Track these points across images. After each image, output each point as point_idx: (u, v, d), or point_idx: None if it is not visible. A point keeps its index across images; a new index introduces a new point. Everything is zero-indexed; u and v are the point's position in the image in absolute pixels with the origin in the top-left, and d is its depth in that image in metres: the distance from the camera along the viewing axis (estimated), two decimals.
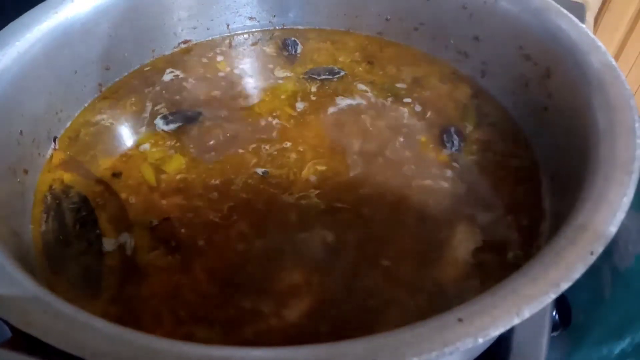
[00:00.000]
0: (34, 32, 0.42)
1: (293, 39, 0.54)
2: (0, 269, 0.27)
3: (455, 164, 0.43)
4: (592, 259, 0.26)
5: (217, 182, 0.41)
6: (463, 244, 0.38)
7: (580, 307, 0.49)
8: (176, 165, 0.42)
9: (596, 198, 0.30)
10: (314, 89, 0.49)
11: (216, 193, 0.40)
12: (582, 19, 0.62)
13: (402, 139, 0.44)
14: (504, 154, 0.43)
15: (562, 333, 0.48)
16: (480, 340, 0.23)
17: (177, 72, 0.51)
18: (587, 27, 0.41)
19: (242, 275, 0.35)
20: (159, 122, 0.46)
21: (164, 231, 0.38)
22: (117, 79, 0.50)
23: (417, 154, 0.43)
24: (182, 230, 0.38)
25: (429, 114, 0.47)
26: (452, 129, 0.45)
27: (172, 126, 0.46)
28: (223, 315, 0.33)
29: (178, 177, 0.41)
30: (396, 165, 0.42)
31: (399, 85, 0.49)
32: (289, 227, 0.38)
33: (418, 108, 0.47)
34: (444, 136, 0.44)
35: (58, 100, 0.44)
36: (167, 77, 0.50)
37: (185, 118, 0.46)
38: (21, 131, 0.40)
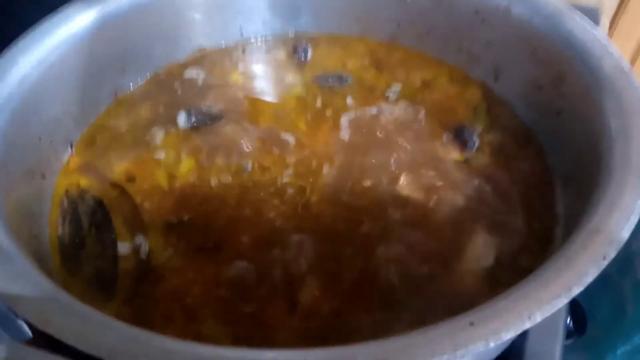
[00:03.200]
0: (52, 39, 0.42)
1: (304, 44, 0.54)
2: (22, 271, 0.28)
3: (468, 167, 0.43)
4: (604, 263, 0.26)
5: (229, 185, 0.41)
6: (476, 247, 0.37)
7: (598, 320, 0.48)
8: (187, 168, 0.43)
9: (609, 202, 0.29)
10: (322, 95, 0.49)
11: (228, 196, 0.41)
12: (596, 22, 0.61)
13: (413, 143, 0.45)
14: (516, 158, 0.43)
15: (577, 341, 0.48)
16: (492, 344, 0.23)
17: (191, 78, 0.51)
18: (601, 31, 0.41)
19: (255, 276, 0.36)
20: (181, 120, 0.47)
21: (179, 232, 0.38)
22: (132, 85, 0.50)
23: (429, 157, 0.43)
24: (196, 233, 0.38)
25: (440, 116, 0.47)
26: (468, 130, 0.45)
27: (193, 124, 0.46)
28: (236, 315, 0.34)
29: (191, 181, 0.42)
30: (409, 169, 0.42)
31: (408, 89, 0.50)
32: (305, 231, 0.38)
33: (429, 111, 0.47)
34: (464, 134, 0.44)
35: (75, 106, 0.45)
36: (180, 83, 0.51)
37: (210, 118, 0.47)
38: (39, 137, 0.41)
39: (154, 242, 0.38)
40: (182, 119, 0.47)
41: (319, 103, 0.49)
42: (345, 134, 0.46)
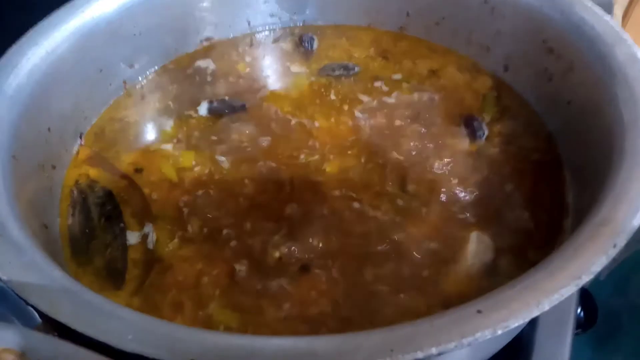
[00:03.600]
0: (61, 31, 0.43)
1: (310, 34, 0.54)
2: (32, 260, 0.28)
3: (477, 157, 0.42)
4: (614, 252, 0.26)
5: (235, 177, 0.42)
6: (485, 240, 0.37)
7: (608, 311, 0.47)
8: (187, 161, 0.43)
9: (618, 192, 0.29)
10: (329, 85, 0.49)
11: (236, 188, 0.41)
12: (609, 12, 0.60)
13: (421, 132, 0.44)
14: (527, 148, 0.43)
15: (588, 332, 0.48)
16: (499, 332, 0.23)
17: (199, 69, 0.52)
18: (613, 20, 0.41)
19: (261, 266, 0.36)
20: (202, 108, 0.47)
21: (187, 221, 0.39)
22: (141, 77, 0.51)
23: (437, 146, 0.43)
24: (202, 222, 0.39)
25: (448, 106, 0.46)
26: (477, 119, 0.45)
27: (214, 113, 0.47)
28: (243, 301, 0.34)
29: (198, 172, 0.42)
30: (417, 158, 0.42)
31: (415, 78, 0.49)
32: (310, 222, 0.38)
33: (436, 100, 0.47)
34: (473, 124, 0.44)
35: (84, 98, 0.45)
36: (189, 74, 0.51)
37: (231, 107, 0.47)
38: (49, 128, 0.41)
39: (161, 233, 0.38)
40: (203, 108, 0.47)
41: (325, 92, 0.48)
42: (352, 123, 0.45)
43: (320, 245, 0.37)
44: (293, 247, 0.36)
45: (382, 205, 0.39)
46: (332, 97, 0.48)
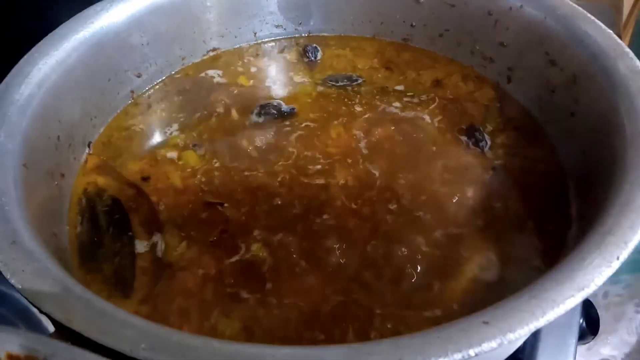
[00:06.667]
0: (71, 41, 0.43)
1: (314, 45, 0.55)
2: (44, 268, 0.29)
3: (479, 167, 0.43)
4: (618, 264, 0.26)
5: (242, 183, 0.42)
6: (489, 249, 0.38)
7: None
8: (194, 168, 0.43)
9: (622, 203, 0.30)
10: (333, 96, 0.50)
11: (243, 195, 0.41)
12: (610, 23, 0.61)
13: (424, 142, 0.45)
14: (530, 159, 0.43)
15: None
16: (506, 342, 0.23)
17: (206, 79, 0.52)
18: (615, 31, 0.41)
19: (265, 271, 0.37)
20: (253, 115, 0.48)
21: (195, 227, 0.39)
22: (149, 86, 0.51)
23: (440, 156, 0.44)
24: (210, 230, 0.39)
25: (451, 116, 0.47)
26: (480, 130, 0.45)
27: (264, 118, 0.47)
28: (249, 309, 0.34)
29: (206, 180, 0.43)
30: (419, 169, 0.43)
31: (419, 89, 0.50)
32: (315, 230, 0.39)
33: (439, 111, 0.47)
34: (476, 134, 0.45)
35: (92, 107, 0.46)
36: (195, 84, 0.52)
37: (279, 112, 0.48)
38: (58, 137, 0.42)
39: (170, 239, 0.39)
40: (254, 115, 0.48)
41: (329, 103, 0.49)
42: (357, 133, 0.46)
43: (324, 253, 0.37)
44: (299, 256, 0.37)
45: (384, 216, 0.39)
46: (339, 107, 0.48)
